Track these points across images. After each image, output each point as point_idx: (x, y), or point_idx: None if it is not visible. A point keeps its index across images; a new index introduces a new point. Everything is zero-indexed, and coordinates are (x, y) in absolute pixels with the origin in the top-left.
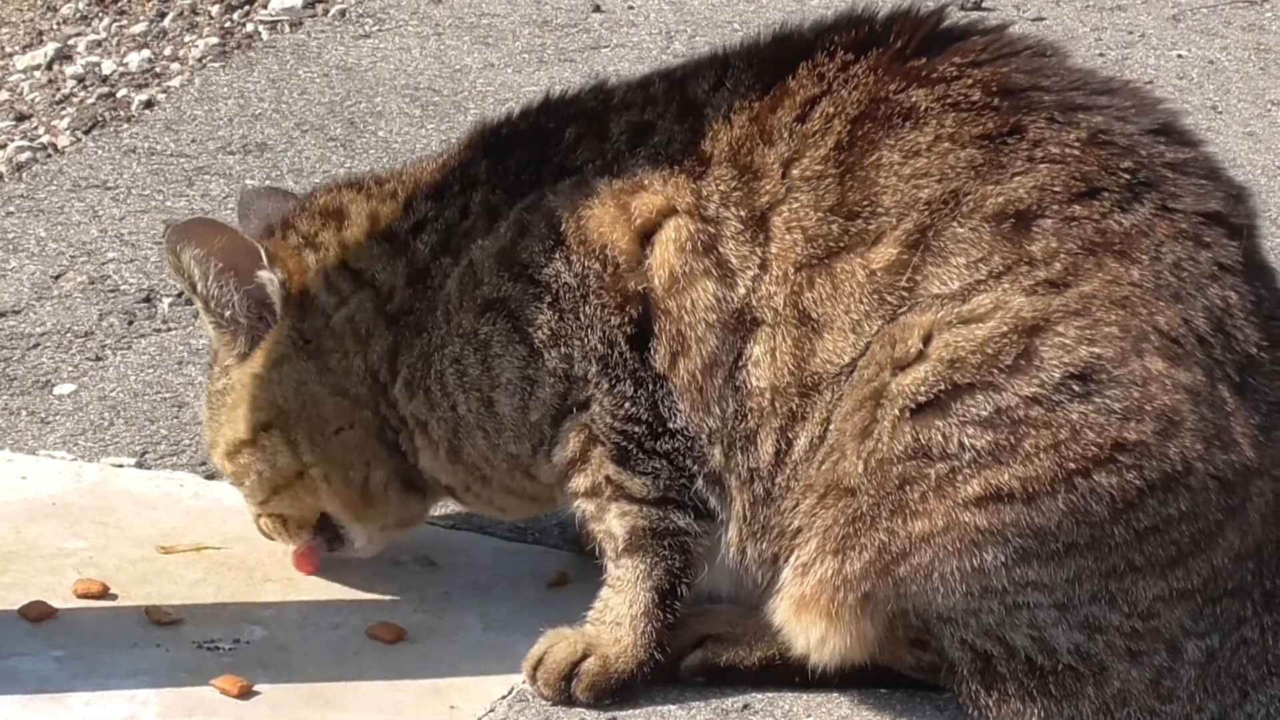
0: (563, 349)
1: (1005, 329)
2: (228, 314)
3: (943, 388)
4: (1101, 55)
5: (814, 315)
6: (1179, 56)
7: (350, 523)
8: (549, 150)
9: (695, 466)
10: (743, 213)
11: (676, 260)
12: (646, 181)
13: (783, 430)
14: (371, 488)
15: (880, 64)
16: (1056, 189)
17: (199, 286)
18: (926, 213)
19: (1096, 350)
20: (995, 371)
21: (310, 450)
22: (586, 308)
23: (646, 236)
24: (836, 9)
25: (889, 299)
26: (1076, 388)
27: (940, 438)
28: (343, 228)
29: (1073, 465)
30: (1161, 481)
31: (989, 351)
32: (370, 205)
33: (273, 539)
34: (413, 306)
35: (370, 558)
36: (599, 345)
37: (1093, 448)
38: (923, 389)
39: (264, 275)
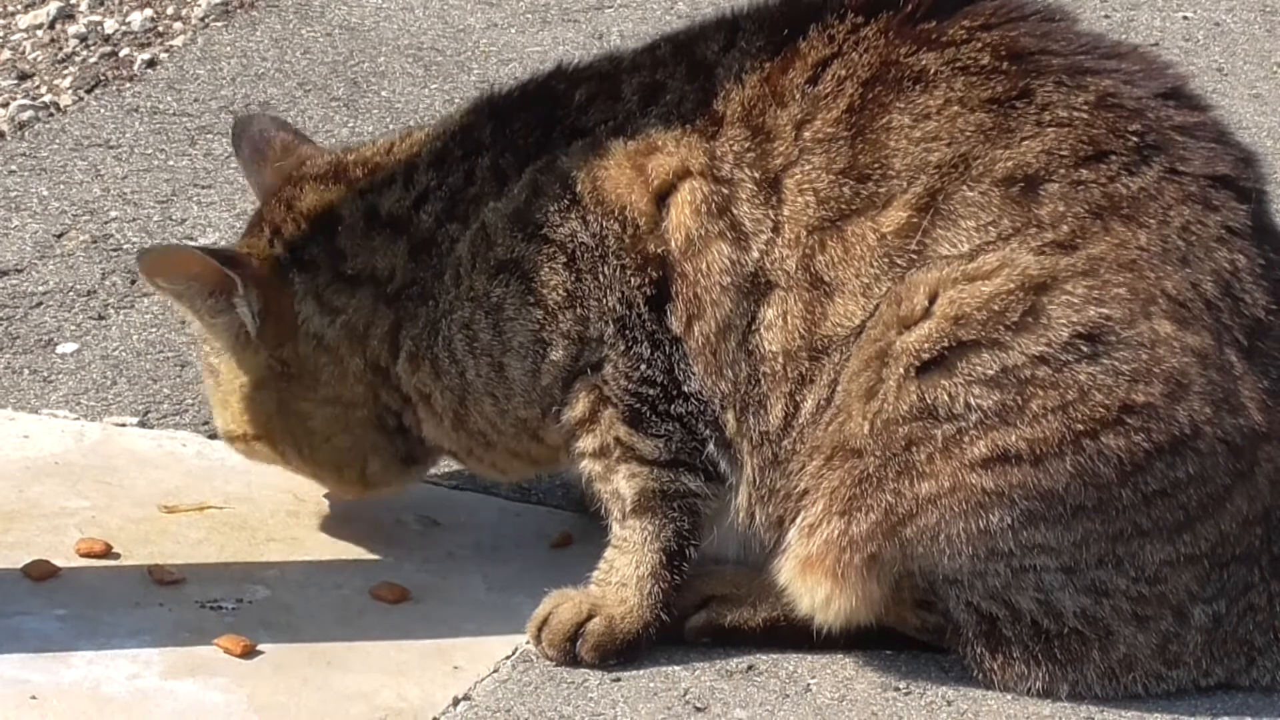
0: (578, 310)
1: (1012, 285)
2: (208, 319)
3: (947, 344)
4: (1107, 17)
5: (825, 278)
6: (1185, 18)
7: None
8: (559, 112)
9: (707, 430)
10: (756, 174)
11: (692, 223)
12: (660, 142)
13: (792, 394)
14: (369, 476)
15: (890, 26)
16: (1064, 153)
17: (177, 304)
18: (936, 176)
19: (1105, 311)
20: (1001, 329)
21: (299, 459)
22: (605, 268)
23: (663, 198)
24: None
25: (899, 262)
26: (1085, 348)
27: (946, 397)
28: (336, 236)
29: (1080, 427)
30: (1169, 444)
31: (995, 308)
32: (366, 202)
33: None
34: (416, 278)
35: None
36: (617, 306)
37: (1100, 409)
38: (927, 346)
39: (240, 307)
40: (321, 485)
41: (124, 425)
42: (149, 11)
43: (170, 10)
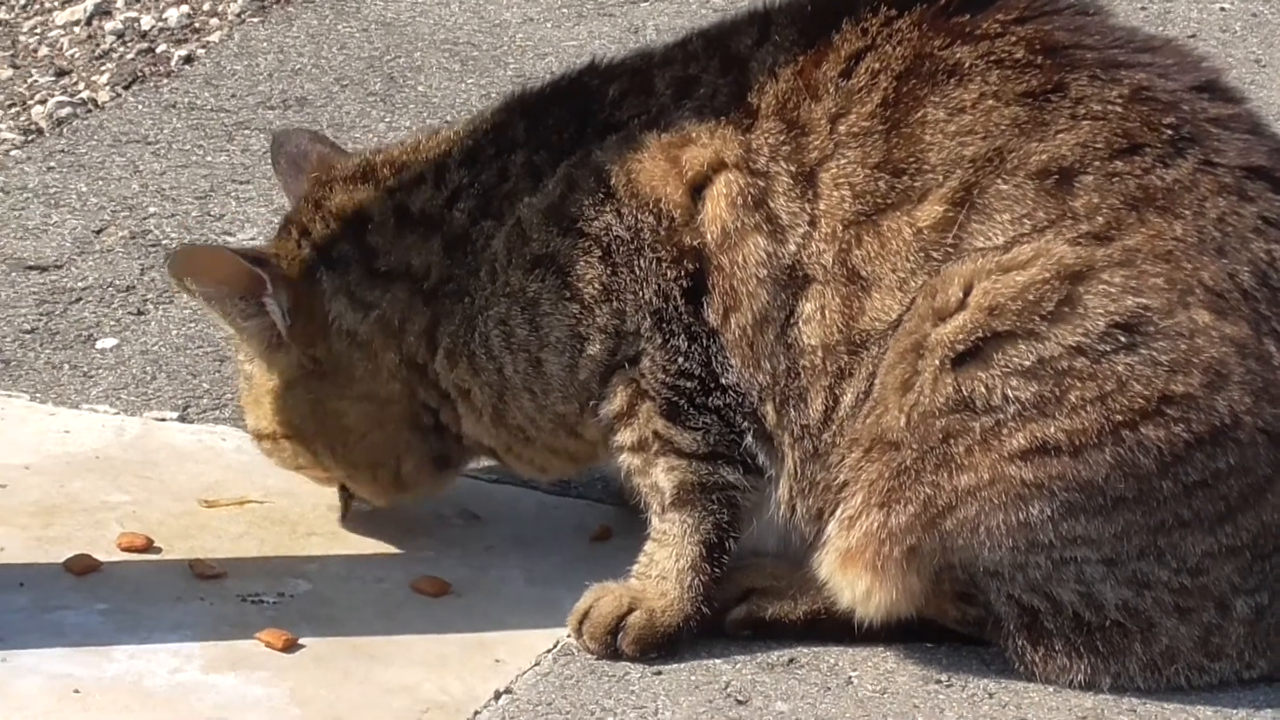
0: (614, 304)
1: (1047, 275)
2: (239, 322)
3: (981, 335)
4: (1144, 9)
5: (862, 273)
6: (1222, 10)
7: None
8: (592, 107)
9: (745, 423)
10: (792, 168)
11: (728, 215)
12: (694, 134)
13: (831, 387)
14: (403, 476)
15: (924, 19)
16: (1098, 145)
17: (206, 305)
18: (971, 170)
19: (1143, 301)
20: (1036, 319)
21: (332, 459)
22: (641, 261)
23: (698, 190)
24: None
25: (935, 256)
26: (1122, 338)
27: (983, 389)
28: (366, 234)
29: (1119, 418)
30: (1209, 435)
31: (1029, 298)
32: (395, 200)
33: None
34: (451, 275)
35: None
36: (653, 299)
37: (1139, 400)
38: (961, 337)
39: (270, 305)
40: (355, 488)
41: (164, 420)
42: (185, 8)
43: (206, 6)
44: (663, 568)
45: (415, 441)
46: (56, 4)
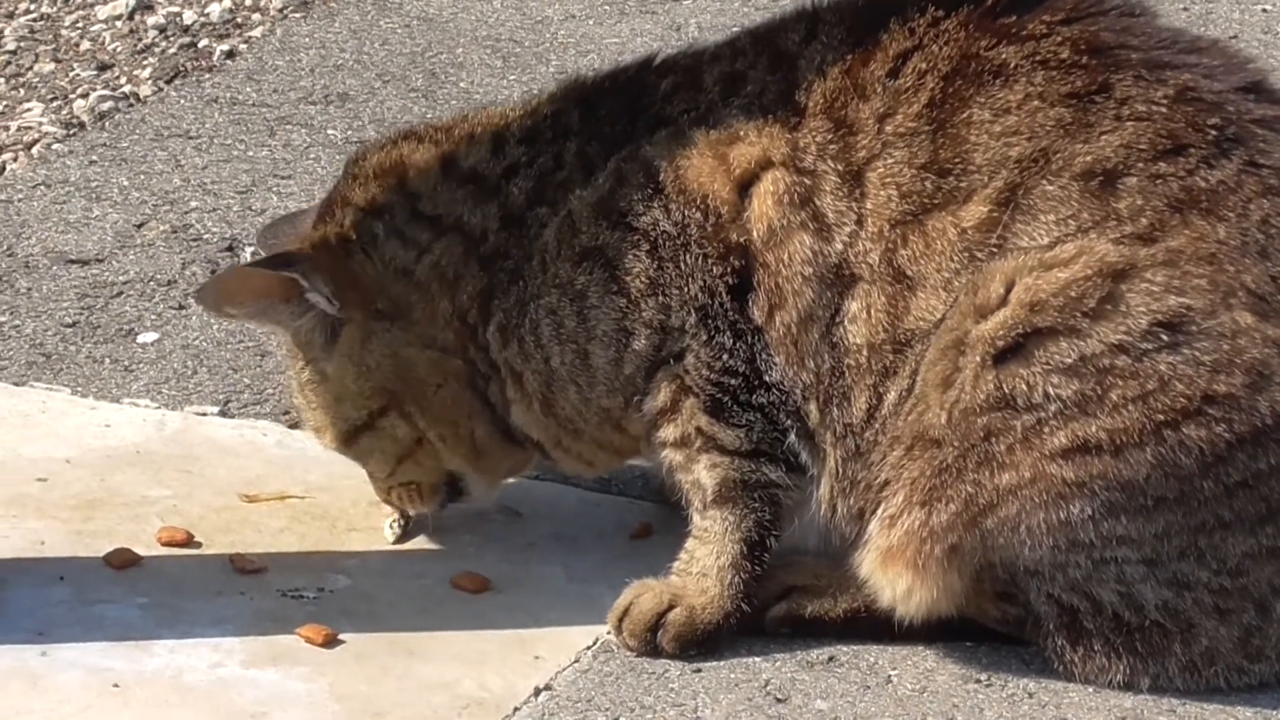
0: (660, 298)
1: (1089, 272)
2: (293, 330)
3: (1023, 332)
4: (1186, 9)
5: (908, 273)
6: (1264, 11)
7: (471, 474)
8: (643, 101)
9: (789, 421)
10: (840, 166)
11: (774, 213)
12: (742, 132)
13: (875, 386)
14: (479, 441)
15: (971, 20)
16: (1142, 146)
17: (255, 323)
18: (1016, 171)
19: (1186, 301)
20: (1078, 315)
21: (422, 415)
22: (687, 256)
23: (745, 187)
24: None
25: (979, 256)
26: (1165, 337)
27: (1024, 386)
28: (406, 181)
29: (1161, 417)
30: (1251, 435)
31: (1071, 294)
32: (440, 150)
33: (406, 509)
34: (508, 251)
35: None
36: (699, 295)
37: (1182, 399)
38: (1002, 334)
39: (313, 298)
40: (447, 448)
41: (204, 414)
42: (227, 3)
43: (249, 1)
44: (703, 565)
45: (478, 407)
46: None
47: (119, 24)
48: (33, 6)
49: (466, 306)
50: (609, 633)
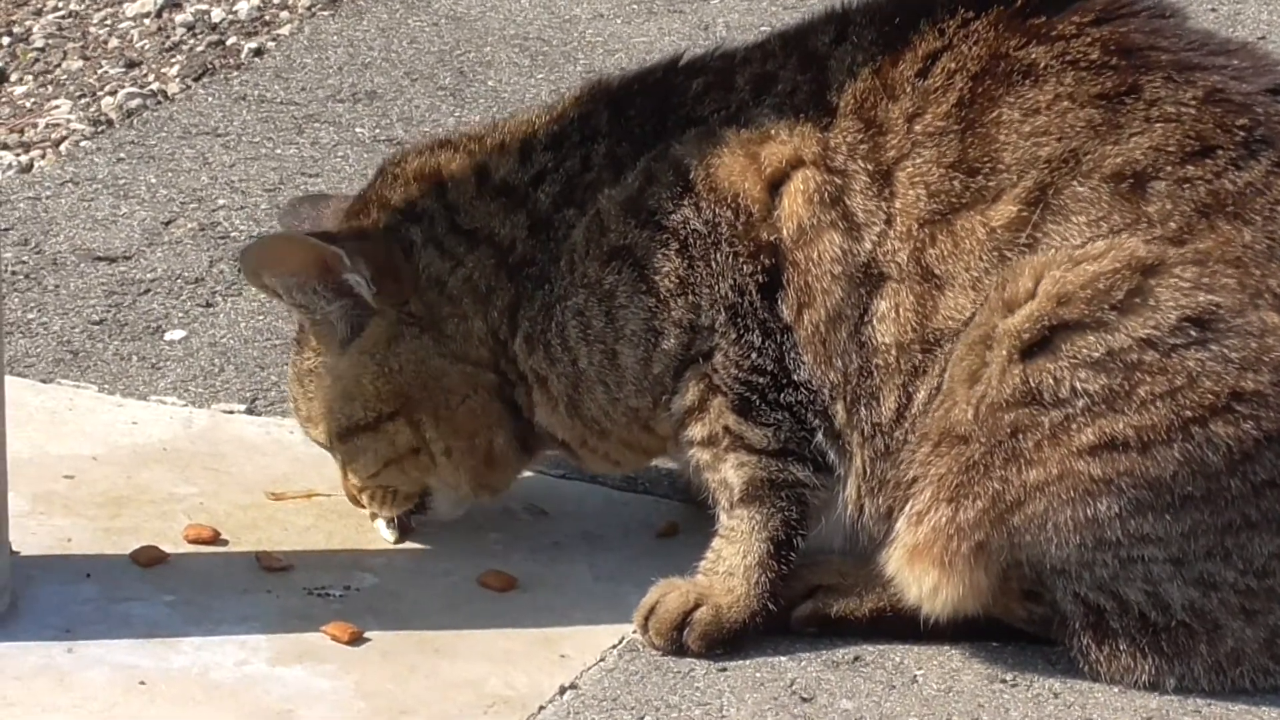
0: (690, 297)
1: (1118, 265)
2: (319, 315)
3: (1049, 324)
4: (1214, 10)
5: (936, 272)
6: None
7: (448, 490)
8: (673, 101)
9: (816, 420)
10: (869, 166)
11: (805, 212)
12: (774, 131)
13: (905, 385)
14: (495, 451)
15: (1000, 20)
16: (1171, 149)
17: (286, 299)
18: (1046, 171)
19: (1215, 299)
20: (1105, 308)
21: (435, 427)
22: (718, 255)
23: (776, 186)
24: None
25: (1008, 255)
26: (1193, 333)
27: (1051, 381)
28: (445, 191)
29: (1189, 414)
30: (1279, 434)
31: (1100, 286)
32: (474, 161)
33: (373, 508)
34: (534, 257)
35: (460, 515)
36: (729, 293)
37: (1210, 396)
38: (1028, 326)
39: (351, 279)
40: (446, 470)
41: (231, 412)
42: (256, 0)
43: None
44: (730, 564)
45: (506, 416)
46: None
47: (147, 22)
48: (61, 4)
49: (498, 323)
50: (635, 631)
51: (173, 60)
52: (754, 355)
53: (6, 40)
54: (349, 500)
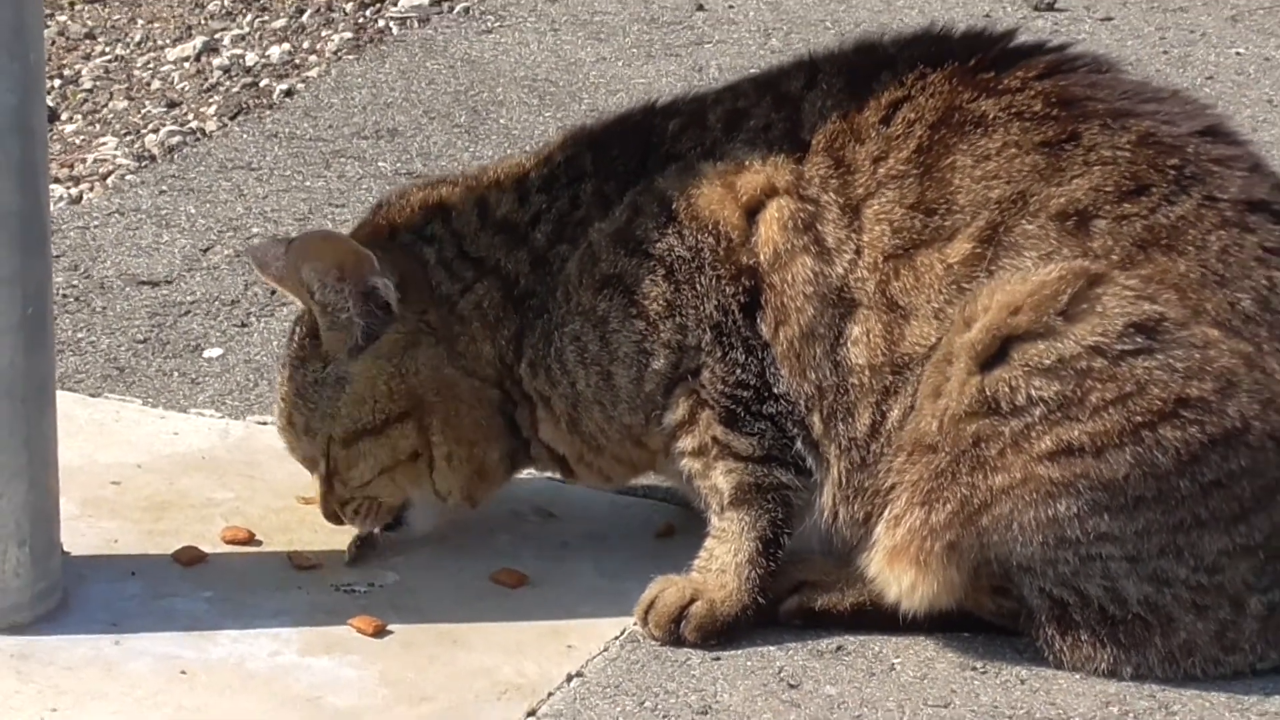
0: (677, 319)
1: (1062, 273)
2: (343, 316)
3: (1000, 333)
4: (1165, 53)
5: (901, 303)
6: (1237, 54)
7: (444, 497)
8: (653, 141)
9: (795, 429)
10: (840, 199)
11: (780, 238)
12: (748, 162)
13: (878, 404)
14: (489, 464)
15: (954, 74)
16: (1109, 189)
17: (316, 295)
18: (997, 211)
19: (1159, 309)
20: (1051, 314)
21: (441, 432)
22: (702, 278)
23: (753, 213)
24: (920, 12)
25: (966, 288)
26: (1140, 340)
27: (1007, 390)
28: (450, 219)
29: (1139, 419)
30: (1223, 437)
31: (1045, 293)
32: (475, 196)
33: (352, 522)
34: (535, 290)
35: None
36: (714, 313)
37: (1157, 402)
38: (981, 337)
39: (378, 281)
40: (446, 469)
41: (265, 423)
42: (286, 46)
43: (306, 45)
44: (722, 562)
45: (504, 431)
46: (168, 41)
47: (187, 65)
48: (108, 49)
49: (505, 350)
50: (636, 624)
51: (210, 100)
52: (738, 371)
53: (58, 82)
54: (327, 519)
